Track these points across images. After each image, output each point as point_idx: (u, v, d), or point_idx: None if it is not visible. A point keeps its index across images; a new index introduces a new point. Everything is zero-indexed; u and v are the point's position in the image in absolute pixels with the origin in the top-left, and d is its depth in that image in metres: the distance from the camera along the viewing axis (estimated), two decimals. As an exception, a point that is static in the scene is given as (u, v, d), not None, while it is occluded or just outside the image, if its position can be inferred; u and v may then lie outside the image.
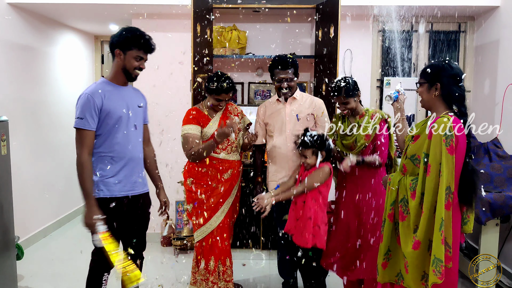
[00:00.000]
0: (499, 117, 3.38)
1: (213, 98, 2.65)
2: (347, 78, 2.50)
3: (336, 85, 2.49)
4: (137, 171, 2.27)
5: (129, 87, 2.30)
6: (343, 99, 2.48)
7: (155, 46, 2.22)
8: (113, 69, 2.21)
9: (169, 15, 3.85)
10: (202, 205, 2.70)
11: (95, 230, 2.02)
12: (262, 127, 2.85)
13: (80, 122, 2.06)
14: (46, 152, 4.20)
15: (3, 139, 2.72)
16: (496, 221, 2.87)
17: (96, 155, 2.14)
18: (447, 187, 1.77)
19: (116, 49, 2.15)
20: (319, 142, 2.47)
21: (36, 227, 4.06)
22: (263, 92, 4.05)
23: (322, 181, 2.46)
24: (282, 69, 2.65)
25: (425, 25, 3.96)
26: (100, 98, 2.09)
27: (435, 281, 1.76)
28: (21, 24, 3.78)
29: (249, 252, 3.72)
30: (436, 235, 1.76)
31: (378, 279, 2.07)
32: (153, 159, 2.45)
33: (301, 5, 3.58)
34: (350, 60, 3.88)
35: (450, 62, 1.91)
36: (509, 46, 3.41)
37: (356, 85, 2.52)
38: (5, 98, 3.54)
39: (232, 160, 2.75)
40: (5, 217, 2.76)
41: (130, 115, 2.20)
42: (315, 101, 2.79)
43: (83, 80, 5.03)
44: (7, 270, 2.79)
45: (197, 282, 2.79)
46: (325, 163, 2.51)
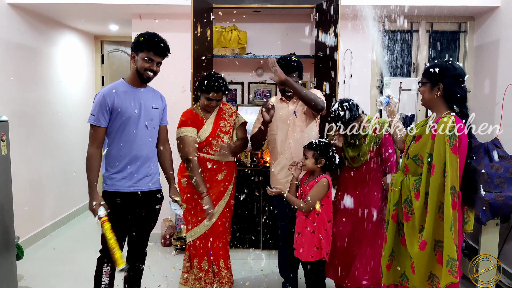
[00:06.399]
0: (499, 117, 3.38)
1: (204, 97, 2.64)
2: (344, 104, 2.44)
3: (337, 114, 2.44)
4: (145, 169, 2.34)
5: (147, 89, 2.40)
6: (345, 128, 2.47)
7: (168, 48, 2.29)
8: (130, 71, 2.35)
9: (169, 15, 3.85)
10: (196, 206, 2.70)
11: (96, 214, 2.17)
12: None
13: (92, 118, 2.23)
14: (46, 152, 4.20)
15: (3, 139, 2.72)
16: (496, 221, 2.87)
17: (107, 151, 2.30)
18: (452, 186, 1.77)
19: (132, 52, 2.29)
20: (323, 148, 2.47)
21: (36, 227, 4.06)
22: (263, 92, 4.06)
23: (323, 195, 2.47)
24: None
25: (425, 25, 3.96)
26: (112, 98, 2.23)
27: (451, 281, 1.75)
28: (21, 24, 3.78)
29: (249, 252, 3.73)
30: (447, 235, 1.76)
31: (383, 281, 2.07)
32: (168, 159, 2.52)
33: (301, 5, 3.58)
34: (350, 60, 3.88)
35: (453, 62, 1.91)
36: (509, 46, 3.41)
37: (357, 108, 2.48)
38: (5, 98, 3.54)
39: (227, 161, 2.74)
40: (5, 217, 2.76)
41: (141, 115, 2.30)
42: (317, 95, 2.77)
43: (83, 80, 5.03)
44: (7, 270, 2.79)
45: (188, 281, 2.79)
46: (323, 175, 2.51)
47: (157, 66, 2.29)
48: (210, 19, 3.57)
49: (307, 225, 2.47)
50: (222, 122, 2.74)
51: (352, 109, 2.44)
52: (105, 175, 2.31)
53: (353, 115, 2.44)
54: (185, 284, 2.80)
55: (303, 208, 2.46)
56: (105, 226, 2.11)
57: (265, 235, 3.73)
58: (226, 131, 2.74)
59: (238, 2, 3.58)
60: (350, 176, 2.59)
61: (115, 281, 2.41)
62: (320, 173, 2.52)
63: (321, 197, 2.45)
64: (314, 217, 2.45)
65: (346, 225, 2.59)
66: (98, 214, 2.14)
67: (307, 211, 2.45)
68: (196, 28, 3.30)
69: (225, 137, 2.72)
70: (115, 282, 2.41)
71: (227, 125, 2.75)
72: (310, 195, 2.44)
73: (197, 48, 3.35)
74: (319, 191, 2.45)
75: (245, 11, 3.77)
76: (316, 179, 2.49)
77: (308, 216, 2.47)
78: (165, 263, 3.56)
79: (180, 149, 2.66)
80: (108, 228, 2.11)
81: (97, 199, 2.19)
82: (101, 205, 2.18)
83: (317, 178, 2.49)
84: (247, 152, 3.74)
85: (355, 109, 2.46)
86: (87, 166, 2.23)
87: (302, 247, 2.48)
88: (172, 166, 2.55)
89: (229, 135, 2.75)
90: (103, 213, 2.15)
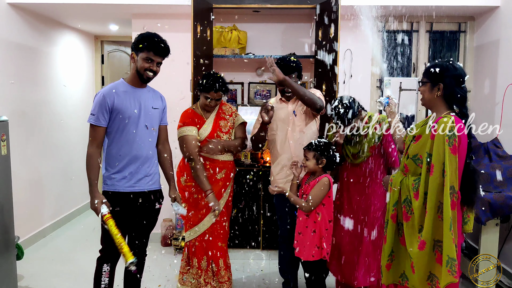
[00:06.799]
0: (499, 117, 3.38)
1: (203, 96, 2.65)
2: (345, 102, 2.45)
3: (337, 111, 2.45)
4: (145, 169, 2.35)
5: (147, 89, 2.40)
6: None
7: (168, 49, 2.29)
8: (130, 71, 2.35)
9: (169, 15, 3.85)
10: (195, 205, 2.70)
11: (98, 213, 2.19)
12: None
13: (92, 118, 2.23)
14: (46, 152, 4.20)
15: (3, 139, 2.72)
16: (496, 221, 2.87)
17: (106, 151, 2.31)
18: (451, 186, 1.77)
19: (132, 52, 2.30)
20: (323, 148, 2.47)
21: (36, 227, 4.06)
22: (263, 92, 4.06)
23: (324, 195, 2.47)
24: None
25: (425, 25, 3.96)
26: (112, 97, 2.23)
27: (451, 281, 1.76)
28: (21, 24, 3.78)
29: (249, 252, 3.73)
30: (446, 235, 1.76)
31: (382, 280, 2.07)
32: (167, 159, 2.51)
33: (301, 5, 3.58)
34: (350, 60, 3.88)
35: (454, 62, 1.91)
36: (509, 46, 3.41)
37: (357, 105, 2.49)
38: (5, 98, 3.54)
39: (226, 160, 2.74)
40: (5, 217, 2.76)
41: (141, 115, 2.30)
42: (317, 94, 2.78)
43: (83, 80, 5.03)
44: (7, 270, 2.79)
45: (187, 281, 2.79)
46: (324, 174, 2.51)
47: (157, 66, 2.29)
48: (210, 19, 3.57)
49: (308, 224, 2.47)
50: (222, 121, 2.74)
51: (353, 106, 2.45)
52: (105, 175, 2.31)
53: (354, 112, 2.44)
54: (184, 284, 2.80)
55: (304, 208, 2.46)
56: (110, 223, 2.12)
57: (265, 235, 3.73)
58: (226, 131, 2.74)
59: (238, 2, 3.58)
60: (352, 173, 2.59)
61: (115, 281, 2.41)
62: (321, 173, 2.52)
63: (323, 196, 2.46)
64: (315, 217, 2.45)
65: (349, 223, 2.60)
66: (101, 212, 2.15)
67: (308, 210, 2.45)
68: (196, 28, 3.30)
69: (225, 137, 2.73)
70: (115, 282, 2.41)
71: (227, 125, 2.75)
72: (311, 195, 2.45)
73: (197, 48, 3.35)
74: (320, 190, 2.45)
75: (245, 11, 3.77)
76: (318, 178, 2.49)
77: (309, 215, 2.47)
78: (165, 263, 3.56)
79: (182, 149, 2.67)
80: (112, 225, 2.11)
81: (99, 197, 2.20)
82: (103, 203, 2.19)
83: (318, 178, 2.49)
84: (247, 152, 3.75)
85: (355, 106, 2.46)
86: (87, 166, 2.23)
87: (303, 247, 2.49)
88: (172, 166, 2.55)
89: (229, 135, 2.75)
90: (106, 210, 2.16)
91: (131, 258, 2.06)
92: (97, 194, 2.21)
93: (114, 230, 2.10)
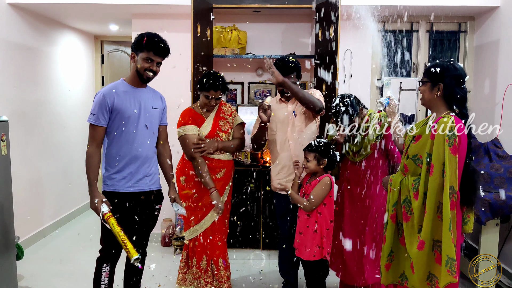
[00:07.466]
0: (499, 117, 3.38)
1: (203, 95, 2.66)
2: (346, 100, 2.45)
3: (338, 110, 2.45)
4: (144, 169, 2.35)
5: (147, 89, 2.40)
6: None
7: (168, 49, 2.29)
8: (130, 71, 2.35)
9: (169, 15, 3.84)
10: (194, 205, 2.70)
11: (99, 212, 2.18)
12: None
13: (92, 117, 2.23)
14: (46, 152, 4.20)
15: (3, 139, 2.72)
16: (496, 221, 2.87)
17: (106, 151, 2.31)
18: (451, 186, 1.77)
19: (132, 52, 2.29)
20: (323, 148, 2.47)
21: (36, 227, 4.06)
22: (263, 92, 4.06)
23: (326, 194, 2.47)
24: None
25: (425, 25, 3.96)
26: (112, 97, 2.23)
27: (451, 281, 1.76)
28: (21, 24, 3.78)
29: (249, 252, 3.73)
30: (446, 235, 1.76)
31: (382, 280, 2.07)
32: (167, 159, 2.51)
33: (301, 5, 3.58)
34: (350, 60, 3.88)
35: (454, 62, 1.91)
36: (509, 46, 3.41)
37: (358, 103, 2.49)
38: (5, 98, 3.54)
39: (225, 159, 2.75)
40: (5, 217, 2.76)
41: (141, 115, 2.30)
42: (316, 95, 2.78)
43: (83, 80, 5.03)
44: (7, 270, 2.79)
45: (186, 281, 2.79)
46: (325, 174, 2.52)
47: (157, 66, 2.29)
48: (210, 19, 3.56)
49: (309, 224, 2.47)
50: (221, 121, 2.75)
51: (353, 104, 2.45)
52: (105, 175, 2.31)
53: (354, 110, 2.44)
54: (183, 284, 2.80)
55: (305, 207, 2.46)
56: (111, 221, 2.11)
57: (265, 235, 3.73)
58: (225, 130, 2.74)
59: (238, 2, 3.58)
60: (353, 170, 2.59)
61: (115, 281, 2.41)
62: (322, 173, 2.52)
63: (324, 196, 2.46)
64: (317, 216, 2.45)
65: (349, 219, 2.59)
66: (102, 211, 2.15)
67: (309, 210, 2.46)
68: (196, 28, 3.30)
69: (224, 136, 2.73)
70: (115, 282, 2.41)
71: (226, 124, 2.76)
72: (312, 194, 2.45)
73: (197, 48, 3.35)
74: (321, 190, 2.45)
75: (245, 11, 3.77)
76: (319, 178, 2.49)
77: (310, 215, 2.47)
78: (165, 263, 3.56)
79: (183, 148, 2.67)
80: (114, 223, 2.11)
81: (99, 197, 2.20)
82: (103, 202, 2.18)
83: (320, 177, 2.49)
84: (247, 152, 3.75)
85: (355, 104, 2.46)
86: (86, 165, 2.23)
87: (304, 247, 2.48)
88: (172, 166, 2.55)
89: (228, 135, 2.76)
90: (106, 209, 2.16)
91: (136, 255, 2.04)
92: (96, 194, 2.21)
93: (116, 227, 2.09)
